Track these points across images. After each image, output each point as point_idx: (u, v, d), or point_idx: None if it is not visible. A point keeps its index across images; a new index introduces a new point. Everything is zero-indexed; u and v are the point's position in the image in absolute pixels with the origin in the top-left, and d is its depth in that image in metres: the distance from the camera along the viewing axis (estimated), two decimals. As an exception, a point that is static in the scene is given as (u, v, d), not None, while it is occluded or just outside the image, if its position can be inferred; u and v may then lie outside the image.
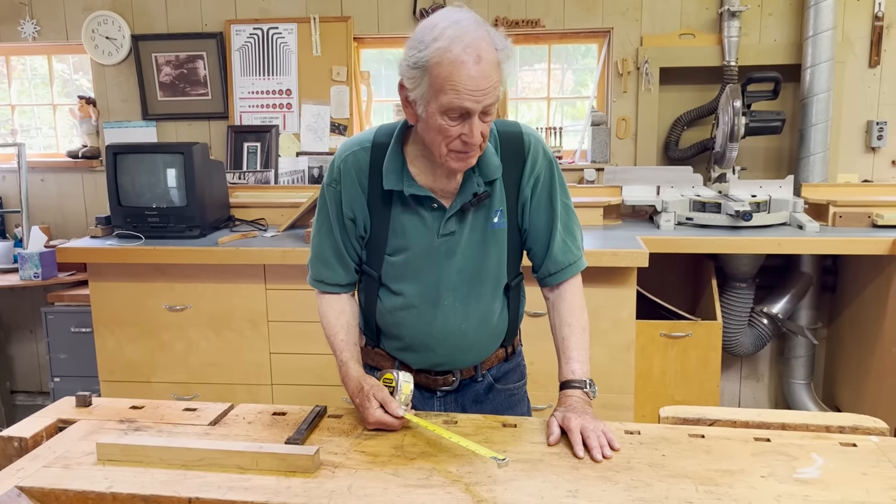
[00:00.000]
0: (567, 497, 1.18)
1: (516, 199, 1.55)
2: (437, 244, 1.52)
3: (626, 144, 3.69)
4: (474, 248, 1.53)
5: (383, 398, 1.44)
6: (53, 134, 4.28)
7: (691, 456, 1.33)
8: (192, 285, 3.03)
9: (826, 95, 3.38)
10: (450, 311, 1.55)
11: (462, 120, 1.34)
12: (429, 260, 1.52)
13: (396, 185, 1.49)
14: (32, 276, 3.48)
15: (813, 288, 3.47)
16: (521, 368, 1.74)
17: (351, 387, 1.50)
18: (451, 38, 1.29)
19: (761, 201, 3.15)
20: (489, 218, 1.53)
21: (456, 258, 1.52)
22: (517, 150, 1.53)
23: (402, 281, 1.56)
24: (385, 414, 1.42)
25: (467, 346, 1.59)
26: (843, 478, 1.25)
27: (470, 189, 1.49)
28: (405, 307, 1.56)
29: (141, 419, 1.52)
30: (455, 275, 1.53)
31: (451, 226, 1.51)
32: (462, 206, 1.49)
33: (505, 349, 1.67)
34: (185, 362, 3.10)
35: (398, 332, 1.60)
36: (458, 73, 1.29)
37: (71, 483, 1.24)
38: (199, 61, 3.84)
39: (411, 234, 1.52)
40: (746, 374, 3.77)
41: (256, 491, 1.21)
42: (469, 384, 1.64)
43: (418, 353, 1.60)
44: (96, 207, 3.97)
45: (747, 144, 3.51)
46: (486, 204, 1.51)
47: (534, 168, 1.54)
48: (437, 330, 1.56)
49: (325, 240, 1.58)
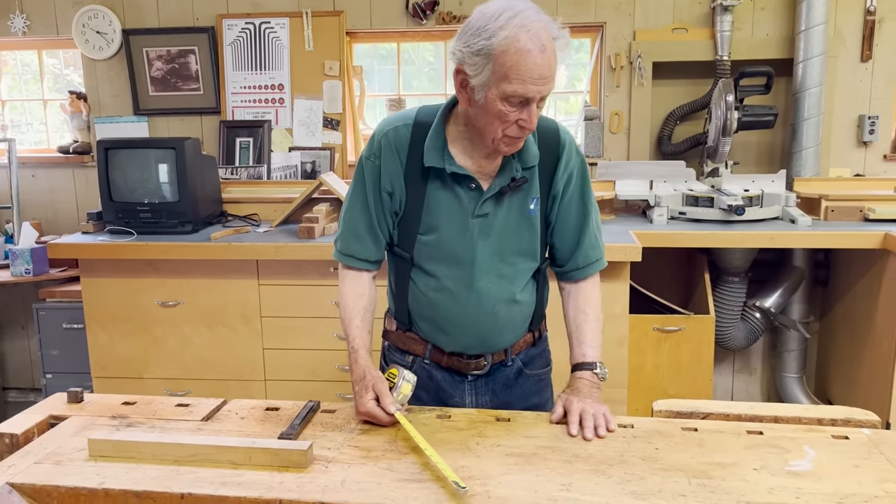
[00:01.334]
0: (560, 490, 1.18)
1: (548, 191, 1.58)
2: (471, 224, 1.53)
3: (619, 139, 3.69)
4: (509, 231, 1.55)
5: (380, 391, 1.45)
6: (44, 129, 4.25)
7: (684, 449, 1.34)
8: (185, 281, 3.02)
9: (818, 90, 3.38)
10: (483, 293, 1.56)
11: (522, 106, 1.38)
12: (461, 240, 1.54)
13: (438, 162, 1.50)
14: (24, 273, 3.46)
15: (805, 282, 3.48)
16: (546, 354, 1.77)
17: (355, 374, 1.52)
18: (518, 27, 1.32)
19: (754, 196, 3.16)
20: (525, 204, 1.55)
21: (490, 240, 1.54)
22: (553, 144, 1.56)
23: (435, 261, 1.57)
24: (377, 407, 1.44)
25: (499, 328, 1.61)
26: (835, 470, 1.25)
27: (509, 173, 1.52)
28: (439, 288, 1.58)
29: (133, 415, 1.51)
30: (489, 256, 1.55)
31: (486, 207, 1.53)
32: (500, 188, 1.52)
33: (532, 334, 1.69)
34: (178, 358, 3.09)
35: (431, 313, 1.61)
36: (524, 62, 1.32)
37: (63, 479, 1.23)
38: (191, 56, 3.81)
39: (445, 212, 1.53)
40: (739, 367, 3.78)
41: (249, 486, 1.20)
42: (499, 368, 1.66)
43: (450, 336, 1.61)
44: (88, 203, 3.95)
45: (740, 139, 3.52)
46: (523, 189, 1.54)
47: (567, 164, 1.57)
48: (470, 311, 1.57)
49: (360, 214, 1.59)
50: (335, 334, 2.99)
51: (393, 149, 1.54)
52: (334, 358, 3.03)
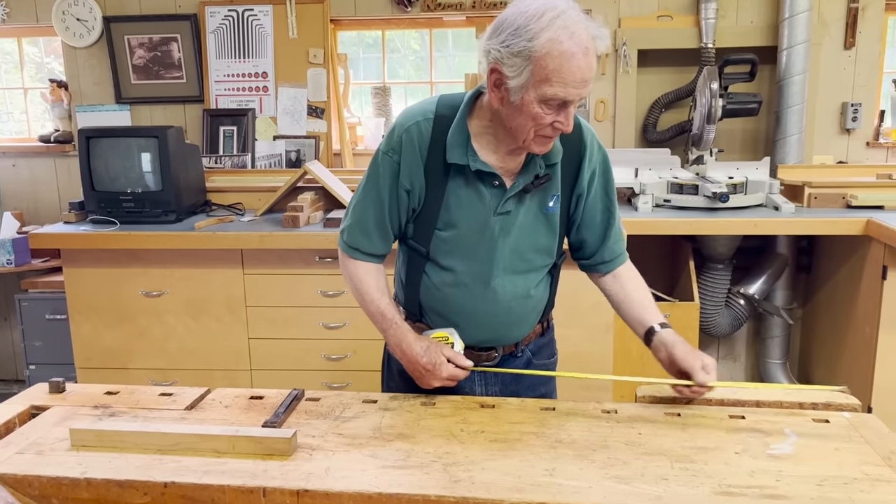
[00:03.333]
0: (544, 476, 1.19)
1: (571, 188, 1.57)
2: (492, 222, 1.51)
3: (605, 127, 3.69)
4: (528, 229, 1.54)
5: (450, 354, 1.48)
6: (25, 118, 4.20)
7: (667, 434, 1.35)
8: (169, 271, 3.00)
9: (802, 77, 3.40)
10: (499, 290, 1.55)
11: (559, 109, 1.35)
12: (481, 237, 1.52)
13: (461, 159, 1.48)
14: (5, 263, 3.43)
15: (789, 269, 3.51)
16: (553, 344, 1.77)
17: (415, 348, 1.50)
18: (561, 29, 1.28)
19: (738, 183, 3.17)
20: (545, 201, 1.54)
21: (510, 238, 1.53)
22: (576, 140, 1.54)
23: (452, 257, 1.55)
24: (456, 368, 1.47)
25: (512, 322, 1.61)
26: (815, 453, 1.26)
27: (532, 171, 1.50)
28: (455, 284, 1.56)
29: (116, 405, 1.50)
30: (508, 254, 1.54)
31: (509, 205, 1.51)
32: (524, 186, 1.50)
33: (542, 324, 1.69)
34: (163, 348, 3.07)
35: (444, 308, 1.59)
36: (567, 66, 1.29)
37: (44, 469, 1.22)
38: (173, 44, 3.78)
39: (467, 209, 1.51)
40: (723, 354, 3.81)
41: (233, 474, 1.20)
42: (508, 359, 1.65)
43: (463, 330, 1.59)
44: (70, 193, 3.91)
45: (724, 126, 3.53)
46: (545, 187, 1.53)
47: (591, 160, 1.56)
48: (485, 308, 1.56)
49: (371, 209, 1.56)
50: (321, 323, 2.98)
51: (414, 145, 1.50)
52: (320, 347, 3.02)
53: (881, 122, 3.70)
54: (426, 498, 1.13)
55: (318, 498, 1.15)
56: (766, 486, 1.15)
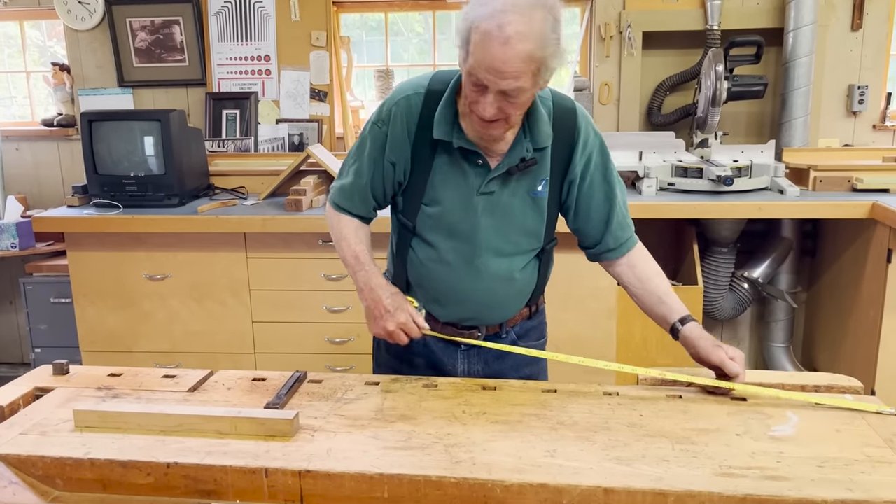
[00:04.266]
0: (544, 457, 1.19)
1: (563, 174, 1.55)
2: (475, 201, 1.52)
3: (609, 110, 3.67)
4: (514, 211, 1.53)
5: (412, 311, 1.51)
6: (28, 102, 4.20)
7: (668, 416, 1.35)
8: (172, 254, 3.01)
9: (808, 59, 3.37)
10: (482, 269, 1.56)
11: (480, 93, 1.34)
12: (465, 215, 1.53)
13: (446, 135, 1.48)
14: (10, 247, 3.43)
15: (793, 252, 3.50)
16: (542, 327, 1.77)
17: (382, 290, 1.52)
18: (496, 11, 1.26)
19: (743, 166, 3.15)
20: (533, 185, 1.53)
21: (494, 218, 1.53)
22: (569, 125, 1.52)
23: (436, 233, 1.56)
24: (412, 322, 1.49)
25: (495, 303, 1.61)
26: (817, 435, 1.26)
27: (518, 153, 1.49)
28: (438, 260, 1.57)
29: (119, 386, 1.51)
30: (491, 234, 1.54)
31: (492, 186, 1.51)
32: (508, 168, 1.49)
33: (529, 308, 1.69)
34: (167, 332, 3.08)
35: (428, 284, 1.61)
36: (482, 47, 1.28)
37: (48, 450, 1.23)
38: (175, 27, 3.76)
39: (451, 186, 1.52)
40: (727, 338, 3.81)
41: (235, 455, 1.21)
42: (492, 339, 1.65)
43: (446, 307, 1.61)
44: (73, 176, 3.91)
45: (729, 109, 3.50)
46: (532, 171, 1.51)
47: (585, 147, 1.54)
48: (466, 286, 1.57)
49: (353, 176, 1.59)
50: (324, 307, 2.98)
51: (403, 118, 1.51)
52: (323, 330, 3.03)
53: (888, 104, 3.67)
54: (427, 479, 1.14)
55: (319, 478, 1.15)
56: (766, 467, 1.15)
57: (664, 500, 1.09)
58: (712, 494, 1.08)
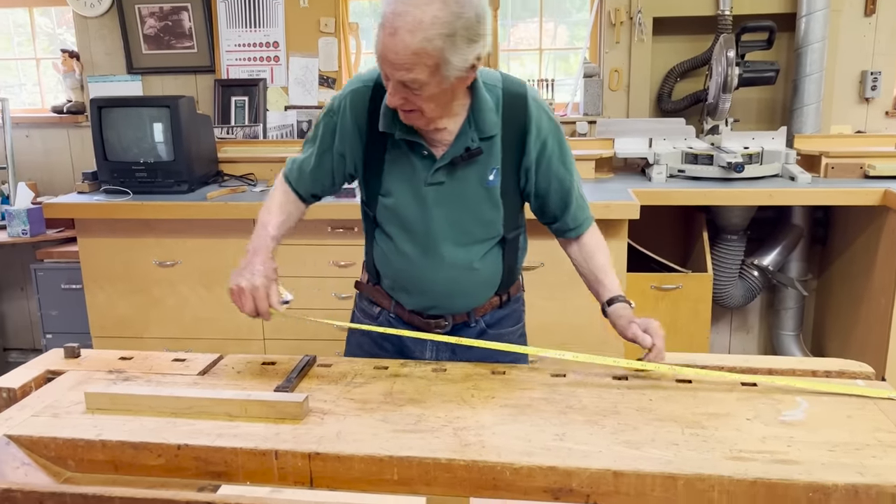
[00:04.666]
0: (554, 440, 1.19)
1: (518, 161, 1.54)
2: (424, 192, 1.52)
3: (619, 96, 3.65)
4: (467, 201, 1.53)
5: (272, 296, 1.54)
6: (38, 90, 4.21)
7: (678, 400, 1.34)
8: (182, 241, 3.01)
9: (821, 45, 3.34)
10: (440, 260, 1.56)
11: (387, 81, 1.36)
12: (417, 207, 1.53)
13: (390, 127, 1.48)
14: (20, 233, 3.45)
15: (804, 240, 3.48)
16: (516, 314, 1.76)
17: (257, 263, 1.55)
18: (396, 3, 1.28)
19: (753, 153, 3.14)
20: (484, 175, 1.52)
21: (446, 209, 1.52)
22: (520, 112, 1.51)
23: (393, 224, 1.57)
24: (266, 297, 1.52)
25: (457, 293, 1.60)
26: (827, 420, 1.26)
27: (463, 143, 1.48)
28: (397, 251, 1.58)
29: (130, 370, 1.52)
30: (445, 225, 1.53)
31: (439, 176, 1.50)
32: (452, 158, 1.48)
33: (500, 297, 1.68)
34: (177, 318, 3.10)
35: (391, 273, 1.63)
36: (379, 37, 1.32)
37: (60, 431, 1.24)
38: (184, 13, 3.75)
39: (401, 178, 1.53)
40: (736, 326, 3.80)
41: (245, 437, 1.21)
42: (462, 328, 1.66)
43: (410, 296, 1.63)
44: (83, 163, 3.92)
45: (740, 96, 3.48)
46: (480, 160, 1.50)
47: (539, 132, 1.53)
48: (426, 276, 1.57)
49: (304, 156, 1.64)
50: (333, 294, 2.99)
51: (352, 112, 1.53)
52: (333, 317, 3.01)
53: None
54: (437, 461, 1.14)
55: (329, 461, 1.16)
56: (777, 451, 1.15)
57: (674, 483, 1.09)
58: (722, 478, 1.08)
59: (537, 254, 2.83)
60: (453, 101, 1.43)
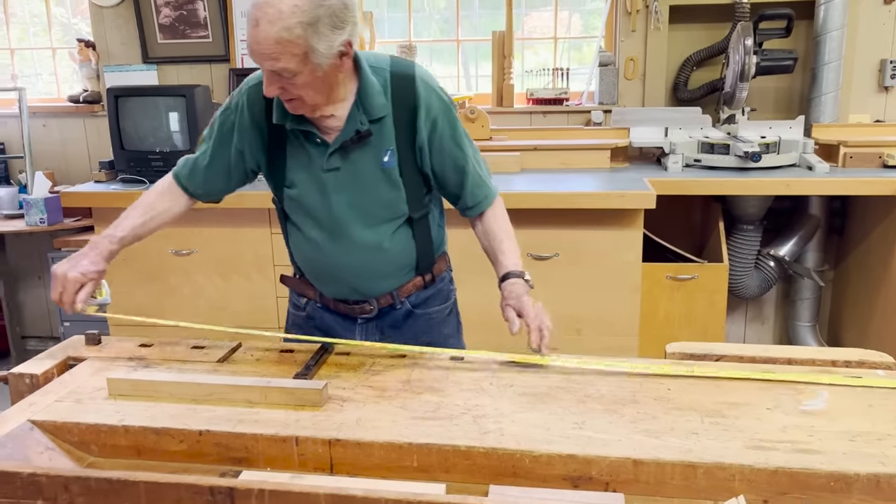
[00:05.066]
0: (573, 429, 1.19)
1: (412, 141, 1.55)
2: (323, 179, 1.54)
3: (635, 85, 3.63)
4: (365, 184, 1.55)
5: (80, 296, 1.51)
6: (54, 79, 4.23)
7: (697, 390, 1.34)
8: (198, 230, 3.03)
9: (839, 33, 3.30)
10: (347, 244, 1.58)
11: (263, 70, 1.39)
12: (318, 194, 1.56)
13: (282, 119, 1.51)
14: (38, 222, 3.48)
15: (821, 230, 3.45)
16: (444, 293, 1.76)
17: (84, 262, 1.52)
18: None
19: (770, 142, 3.11)
20: (379, 157, 1.54)
21: (345, 193, 1.55)
22: (409, 93, 1.53)
23: (299, 214, 1.61)
24: (75, 293, 1.49)
25: (370, 275, 1.62)
26: (848, 410, 1.25)
27: (353, 126, 1.50)
28: (306, 241, 1.62)
29: (150, 357, 1.53)
30: (347, 210, 1.56)
31: (335, 161, 1.53)
32: (343, 142, 1.51)
33: (423, 277, 1.69)
34: (193, 306, 3.11)
35: (307, 264, 1.67)
36: (247, 28, 1.35)
37: (83, 416, 1.25)
38: (199, 2, 3.75)
39: (301, 168, 1.55)
40: (752, 316, 3.78)
41: (266, 424, 1.22)
42: (388, 311, 1.68)
43: (326, 284, 1.67)
44: (99, 152, 3.94)
45: (758, 84, 3.44)
46: (372, 142, 1.52)
47: (429, 112, 1.54)
48: (336, 262, 1.60)
49: (200, 155, 1.64)
50: (348, 282, 2.99)
51: (250, 108, 1.55)
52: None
53: (921, 79, 3.59)
54: (456, 448, 1.14)
55: (349, 447, 1.17)
56: (798, 440, 1.14)
57: (694, 472, 1.09)
58: (743, 467, 1.07)
59: (552, 244, 2.84)
60: (335, 87, 1.44)
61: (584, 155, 3.31)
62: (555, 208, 2.75)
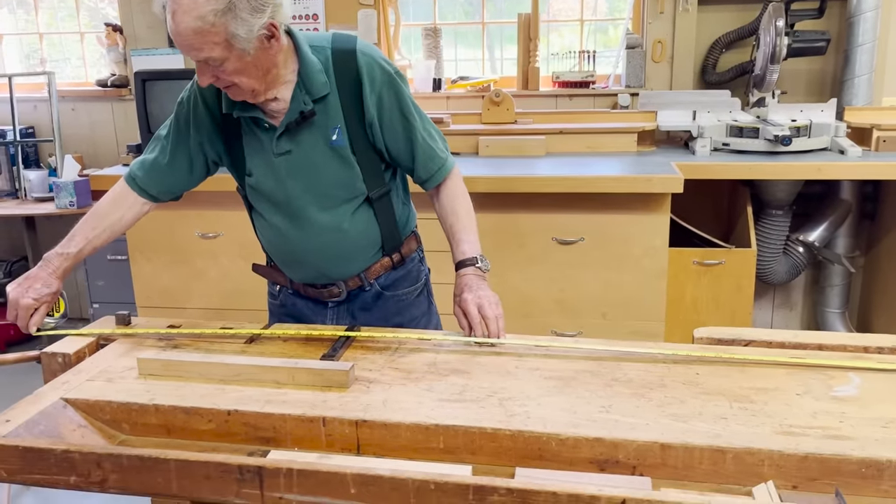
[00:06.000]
0: (600, 412, 1.19)
1: (360, 117, 1.53)
2: (276, 164, 1.54)
3: (662, 68, 3.58)
4: (317, 166, 1.54)
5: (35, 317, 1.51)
6: (82, 64, 4.27)
7: (726, 375, 1.33)
8: (223, 213, 3.05)
9: (874, 14, 3.22)
10: (307, 228, 1.58)
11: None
12: (274, 180, 1.56)
13: (230, 108, 1.51)
14: (68, 205, 3.53)
15: (852, 215, 3.39)
16: (413, 274, 1.75)
17: (36, 274, 1.53)
18: None
19: (801, 126, 3.06)
20: (328, 136, 1.53)
21: (300, 177, 1.55)
22: (350, 67, 1.51)
23: (260, 202, 1.62)
24: (28, 315, 1.49)
25: (334, 257, 1.62)
26: (881, 396, 1.23)
27: (297, 107, 1.50)
28: (269, 227, 1.63)
29: (179, 337, 1.55)
30: (303, 194, 1.56)
31: (284, 145, 1.52)
32: (287, 124, 1.50)
33: (391, 258, 1.68)
34: (220, 289, 3.14)
35: (273, 251, 1.69)
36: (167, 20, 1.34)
37: (115, 395, 1.27)
38: (225, -14, 3.75)
39: (256, 156, 1.56)
40: (779, 302, 3.73)
41: (293, 404, 1.23)
42: (358, 293, 1.68)
43: (294, 269, 1.67)
44: (127, 136, 3.98)
45: (788, 67, 3.38)
46: (318, 122, 1.51)
47: (373, 86, 1.52)
48: (299, 247, 1.61)
49: (157, 155, 1.63)
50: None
51: (202, 100, 1.55)
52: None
53: (958, 61, 3.50)
54: (482, 430, 1.14)
55: (376, 428, 1.17)
56: (828, 426, 1.13)
57: (722, 457, 1.08)
58: (772, 452, 1.06)
59: (578, 229, 2.82)
60: (270, 70, 1.43)
61: (610, 139, 3.27)
62: (580, 192, 2.73)
